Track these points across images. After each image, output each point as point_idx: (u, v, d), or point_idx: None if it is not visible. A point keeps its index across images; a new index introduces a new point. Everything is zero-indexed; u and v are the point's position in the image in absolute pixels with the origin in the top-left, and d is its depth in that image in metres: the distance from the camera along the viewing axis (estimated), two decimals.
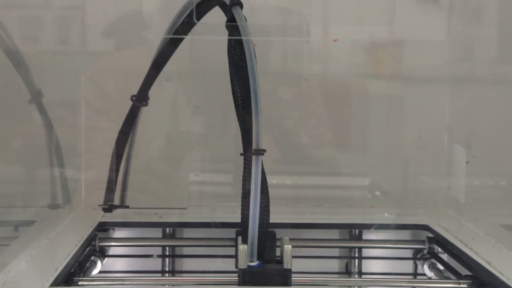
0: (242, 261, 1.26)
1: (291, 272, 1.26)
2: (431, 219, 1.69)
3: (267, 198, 1.32)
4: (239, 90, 1.32)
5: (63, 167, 1.81)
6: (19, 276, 1.22)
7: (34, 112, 1.77)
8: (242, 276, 1.26)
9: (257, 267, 1.27)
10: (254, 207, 1.26)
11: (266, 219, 1.31)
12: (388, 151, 1.92)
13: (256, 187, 1.26)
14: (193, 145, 1.88)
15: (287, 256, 1.26)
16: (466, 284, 1.35)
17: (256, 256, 1.27)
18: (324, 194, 1.90)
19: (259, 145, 1.27)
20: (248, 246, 1.27)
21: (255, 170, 1.26)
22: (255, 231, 1.27)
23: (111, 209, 1.69)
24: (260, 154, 1.27)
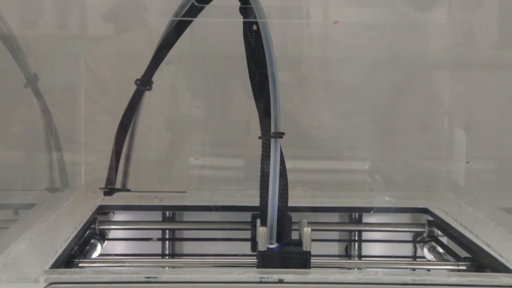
0: (262, 243, 1.26)
1: (310, 254, 1.26)
2: (431, 202, 1.69)
3: (286, 181, 1.32)
4: (256, 74, 1.31)
5: (62, 151, 1.81)
6: (19, 258, 1.22)
7: (31, 97, 1.77)
8: (262, 258, 1.26)
9: (276, 249, 1.27)
10: (273, 190, 1.26)
11: (285, 202, 1.31)
12: (388, 135, 1.91)
13: (275, 169, 1.26)
14: (193, 129, 1.88)
15: (306, 238, 1.26)
16: (465, 266, 1.35)
17: (275, 239, 1.27)
18: (324, 178, 1.90)
19: (278, 128, 1.27)
20: (268, 229, 1.27)
21: (274, 152, 1.26)
22: (274, 214, 1.27)
23: (112, 193, 1.68)
24: (278, 137, 1.27)
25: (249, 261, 1.37)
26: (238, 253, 1.65)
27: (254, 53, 1.31)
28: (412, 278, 1.13)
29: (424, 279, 1.13)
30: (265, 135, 1.29)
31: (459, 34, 1.87)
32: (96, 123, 1.83)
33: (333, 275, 1.14)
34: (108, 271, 1.14)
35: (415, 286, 1.11)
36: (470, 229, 1.45)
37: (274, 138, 1.27)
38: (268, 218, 1.27)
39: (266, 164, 1.28)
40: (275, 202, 1.27)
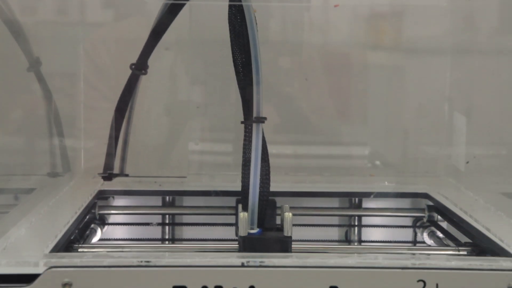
0: (243, 228, 1.26)
1: (291, 239, 1.26)
2: (431, 187, 1.69)
3: (268, 166, 1.32)
4: (239, 58, 1.31)
5: (62, 136, 1.81)
6: (18, 242, 1.22)
7: (33, 82, 1.76)
8: (242, 243, 1.26)
9: (257, 234, 1.27)
10: (254, 175, 1.26)
11: (267, 187, 1.31)
12: (388, 120, 1.91)
13: (256, 155, 1.26)
14: (192, 114, 1.88)
15: (288, 223, 1.26)
16: (465, 251, 1.35)
17: (256, 224, 1.27)
18: (324, 163, 1.90)
19: (260, 113, 1.26)
20: (249, 214, 1.27)
21: (256, 138, 1.26)
22: (255, 199, 1.27)
23: (111, 178, 1.68)
24: (260, 122, 1.26)
25: (231, 246, 1.38)
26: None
27: (238, 37, 1.30)
28: (411, 262, 1.13)
29: (423, 263, 1.13)
30: (247, 120, 1.29)
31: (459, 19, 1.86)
32: (96, 109, 1.83)
33: (332, 259, 1.14)
34: (108, 255, 1.15)
35: (414, 270, 1.11)
36: (470, 214, 1.45)
37: (256, 123, 1.26)
38: (249, 203, 1.27)
39: (248, 149, 1.28)
40: (256, 187, 1.27)
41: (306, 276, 1.11)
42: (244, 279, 1.10)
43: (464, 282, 1.10)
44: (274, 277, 1.11)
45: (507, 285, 1.10)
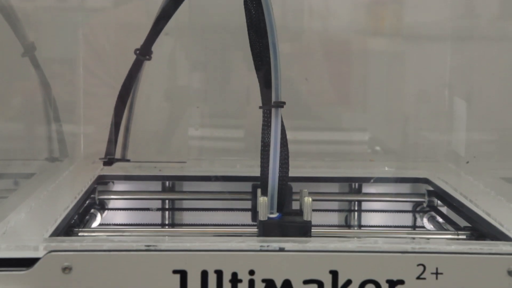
0: (262, 213, 1.26)
1: (311, 224, 1.26)
2: (431, 172, 1.69)
3: (287, 151, 1.31)
4: (256, 42, 1.30)
5: (61, 122, 1.80)
6: (18, 226, 1.22)
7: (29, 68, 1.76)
8: (262, 228, 1.25)
9: (277, 219, 1.27)
10: (274, 160, 1.26)
11: (286, 172, 1.30)
12: (388, 106, 1.91)
13: (276, 139, 1.25)
14: (192, 100, 1.88)
15: (307, 208, 1.26)
16: (464, 235, 1.35)
17: (276, 208, 1.27)
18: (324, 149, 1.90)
19: (279, 98, 1.26)
20: (268, 198, 1.26)
21: (275, 122, 1.26)
22: (275, 183, 1.26)
23: (111, 163, 1.68)
24: (279, 106, 1.26)
25: (249, 230, 1.37)
26: (238, 223, 1.65)
27: (255, 22, 1.29)
28: (411, 246, 1.13)
29: (423, 247, 1.13)
30: (265, 105, 1.28)
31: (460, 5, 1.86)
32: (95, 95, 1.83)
33: (332, 243, 1.14)
34: (108, 239, 1.15)
35: (414, 254, 1.11)
36: (470, 199, 1.45)
37: (275, 108, 1.26)
38: (268, 188, 1.27)
39: (267, 134, 1.28)
40: (276, 172, 1.26)
41: (306, 260, 1.11)
42: (244, 264, 1.10)
43: (464, 266, 1.10)
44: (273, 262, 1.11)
45: (507, 269, 1.10)
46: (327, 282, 1.10)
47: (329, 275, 1.11)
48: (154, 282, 1.09)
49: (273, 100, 1.26)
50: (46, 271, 1.07)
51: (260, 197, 1.27)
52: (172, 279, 1.09)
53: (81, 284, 1.08)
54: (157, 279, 1.09)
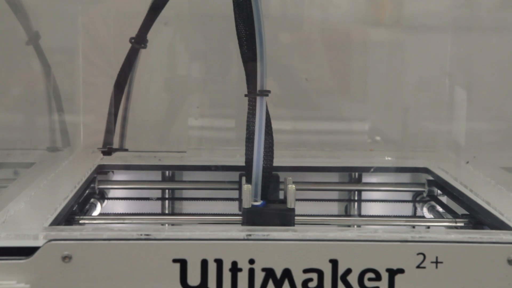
0: (246, 200, 1.26)
1: (295, 212, 1.26)
2: (431, 162, 1.69)
3: (271, 140, 1.31)
4: (243, 30, 1.30)
5: (61, 111, 1.80)
6: (18, 215, 1.22)
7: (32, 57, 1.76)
8: (246, 215, 1.26)
9: (261, 206, 1.27)
10: (258, 148, 1.26)
11: (270, 160, 1.31)
12: (388, 96, 1.90)
13: (260, 128, 1.25)
14: (192, 90, 1.87)
15: (291, 196, 1.26)
16: (462, 222, 1.35)
17: (260, 196, 1.27)
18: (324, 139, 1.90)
19: (264, 86, 1.26)
20: (252, 186, 1.26)
21: (260, 111, 1.25)
22: (259, 171, 1.26)
23: (110, 152, 1.68)
24: (264, 95, 1.26)
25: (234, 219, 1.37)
26: (238, 212, 1.65)
27: (242, 9, 1.29)
28: (411, 235, 1.13)
29: (423, 236, 1.12)
30: (251, 93, 1.28)
31: None
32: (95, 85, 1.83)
33: (332, 232, 1.14)
34: (107, 228, 1.15)
35: (414, 243, 1.11)
36: (470, 188, 1.44)
37: (259, 96, 1.26)
38: (252, 176, 1.27)
39: (252, 122, 1.28)
40: (260, 160, 1.26)
41: (306, 249, 1.11)
42: (244, 252, 1.10)
43: (464, 255, 1.10)
44: (274, 251, 1.11)
45: (507, 257, 1.10)
46: (327, 271, 1.10)
47: (329, 264, 1.10)
48: (154, 271, 1.09)
49: (258, 88, 1.26)
50: (46, 260, 1.07)
51: (244, 185, 1.27)
52: (172, 268, 1.09)
53: (81, 273, 1.08)
54: (157, 268, 1.09)
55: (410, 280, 1.10)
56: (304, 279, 1.10)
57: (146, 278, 1.09)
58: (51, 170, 1.52)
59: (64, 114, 1.81)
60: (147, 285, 1.09)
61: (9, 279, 1.05)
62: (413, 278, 1.10)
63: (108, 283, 1.08)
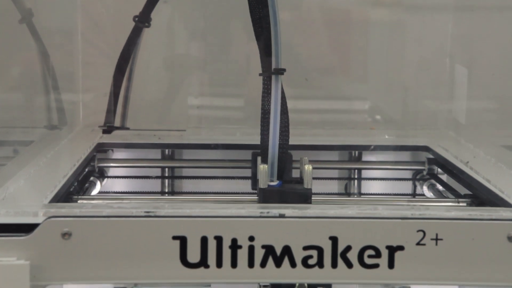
0: (263, 181, 1.25)
1: (312, 191, 1.25)
2: (431, 140, 1.68)
3: (287, 118, 1.30)
4: (256, 10, 1.29)
5: (61, 90, 1.80)
6: (17, 192, 1.22)
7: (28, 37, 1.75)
8: (262, 195, 1.25)
9: (277, 186, 1.26)
10: (274, 127, 1.25)
11: (286, 139, 1.30)
12: (389, 75, 1.90)
13: (276, 106, 1.25)
14: (192, 69, 1.87)
15: (308, 176, 1.25)
16: (465, 202, 1.35)
17: (276, 176, 1.26)
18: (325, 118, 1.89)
19: (279, 64, 1.25)
20: (268, 166, 1.26)
21: (275, 89, 1.25)
22: (275, 151, 1.26)
23: (111, 131, 1.67)
24: (279, 73, 1.25)
25: (249, 198, 1.37)
26: (238, 191, 1.65)
27: None
28: (411, 213, 1.13)
29: (423, 213, 1.12)
30: (265, 72, 1.27)
31: None
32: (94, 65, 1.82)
33: (332, 209, 1.14)
34: (107, 205, 1.14)
35: (414, 220, 1.11)
36: (471, 166, 1.44)
37: (275, 75, 1.25)
38: (269, 156, 1.26)
39: (267, 102, 1.27)
40: (276, 140, 1.26)
41: (306, 227, 1.11)
42: (243, 230, 1.10)
43: (463, 232, 1.10)
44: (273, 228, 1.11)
45: (507, 234, 1.10)
46: (327, 248, 1.10)
47: (329, 241, 1.10)
48: (154, 248, 1.09)
49: (273, 67, 1.25)
50: (45, 237, 1.07)
51: (260, 165, 1.26)
52: (172, 245, 1.09)
53: (81, 250, 1.08)
54: (157, 245, 1.09)
55: (410, 257, 1.10)
56: (304, 256, 1.10)
57: (146, 255, 1.09)
58: (50, 148, 1.52)
59: (64, 93, 1.81)
60: (147, 262, 1.09)
61: (9, 256, 1.05)
62: (413, 255, 1.10)
63: (108, 260, 1.08)
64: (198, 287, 1.31)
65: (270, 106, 1.25)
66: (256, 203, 1.27)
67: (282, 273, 1.10)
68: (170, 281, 1.10)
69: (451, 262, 1.10)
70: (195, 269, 1.10)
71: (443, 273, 1.11)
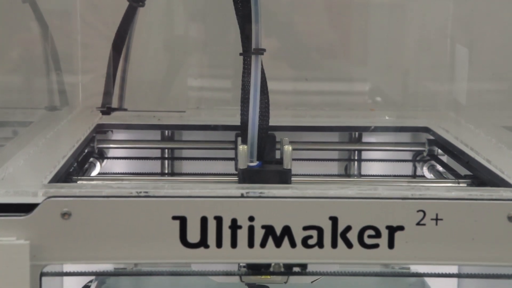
0: (242, 161, 1.25)
1: (291, 172, 1.25)
2: (431, 121, 1.68)
3: (267, 99, 1.30)
4: None
5: (60, 72, 1.79)
6: (17, 172, 1.22)
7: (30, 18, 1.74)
8: (242, 175, 1.25)
9: (257, 167, 1.26)
10: (253, 108, 1.24)
11: (266, 120, 1.30)
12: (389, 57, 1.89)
13: (255, 87, 1.24)
14: (191, 50, 1.86)
15: (287, 156, 1.25)
16: (465, 183, 1.35)
17: (256, 157, 1.26)
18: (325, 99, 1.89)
19: (259, 45, 1.24)
20: (248, 147, 1.25)
21: (255, 69, 1.24)
22: (254, 131, 1.25)
23: (109, 112, 1.67)
24: (259, 53, 1.24)
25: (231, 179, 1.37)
26: None
27: None
28: (411, 193, 1.12)
29: (423, 194, 1.12)
30: (246, 52, 1.26)
31: None
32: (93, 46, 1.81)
33: (332, 190, 1.14)
34: (107, 185, 1.14)
35: (414, 200, 1.11)
36: (471, 146, 1.44)
37: (255, 55, 1.24)
38: (248, 136, 1.25)
39: (247, 82, 1.26)
40: (256, 120, 1.25)
41: (306, 207, 1.10)
42: (243, 210, 1.10)
43: (464, 212, 1.10)
44: (273, 208, 1.10)
45: (507, 214, 1.10)
46: (327, 228, 1.10)
47: (329, 221, 1.10)
48: (154, 228, 1.09)
49: (253, 47, 1.24)
50: (45, 217, 1.07)
51: (240, 146, 1.26)
52: (171, 225, 1.09)
53: (80, 230, 1.08)
54: (156, 225, 1.09)
55: (410, 237, 1.10)
56: (304, 236, 1.10)
57: (145, 235, 1.09)
58: (49, 129, 1.51)
59: (63, 75, 1.80)
60: (147, 242, 1.09)
61: (8, 236, 1.05)
62: (413, 235, 1.10)
63: (107, 240, 1.08)
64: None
65: (250, 87, 1.25)
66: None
67: (282, 253, 1.10)
68: (170, 261, 1.10)
69: (451, 242, 1.10)
70: (195, 249, 1.09)
71: (443, 253, 1.11)
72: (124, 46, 1.66)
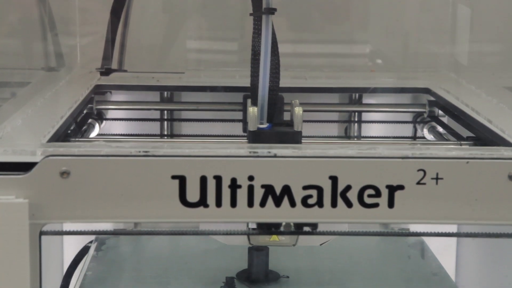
0: (252, 123, 1.24)
1: (301, 134, 1.24)
2: (432, 82, 1.67)
3: (278, 60, 1.28)
4: None
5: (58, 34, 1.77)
6: (15, 132, 1.21)
7: None
8: (252, 138, 1.23)
9: (267, 129, 1.25)
10: (264, 68, 1.22)
11: (276, 81, 1.28)
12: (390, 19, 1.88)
13: (266, 47, 1.22)
14: (190, 12, 1.84)
15: (298, 119, 1.24)
16: (467, 144, 1.34)
17: (266, 119, 1.25)
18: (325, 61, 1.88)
19: (270, 4, 1.22)
20: (258, 109, 1.23)
21: (265, 29, 1.22)
22: (265, 93, 1.23)
23: (108, 73, 1.66)
24: (270, 13, 1.22)
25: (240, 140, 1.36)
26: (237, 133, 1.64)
27: None
28: (411, 152, 1.11)
29: (424, 153, 1.11)
30: (256, 11, 1.24)
31: None
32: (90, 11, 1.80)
33: (332, 149, 1.13)
34: (106, 145, 1.13)
35: (414, 159, 1.10)
36: (472, 107, 1.43)
37: (265, 14, 1.22)
38: (258, 98, 1.24)
39: (257, 42, 1.24)
40: (266, 81, 1.23)
41: (306, 166, 1.10)
42: (243, 169, 1.09)
43: (464, 171, 1.09)
44: (273, 167, 1.10)
45: (508, 173, 1.09)
46: (327, 188, 1.09)
47: (329, 181, 1.10)
48: (153, 187, 1.08)
49: (263, 6, 1.22)
50: (43, 176, 1.06)
51: (250, 107, 1.24)
52: (171, 184, 1.08)
53: (79, 189, 1.07)
54: (155, 184, 1.08)
55: (410, 196, 1.09)
56: (304, 196, 1.09)
57: (145, 195, 1.08)
58: (48, 89, 1.50)
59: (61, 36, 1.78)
60: (146, 201, 1.08)
61: (7, 194, 1.05)
62: (413, 194, 1.09)
63: (106, 200, 1.08)
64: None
65: (260, 47, 1.23)
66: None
67: (281, 212, 1.10)
68: (170, 220, 1.10)
69: (451, 202, 1.10)
70: (194, 209, 1.09)
71: (443, 212, 1.10)
72: (123, 10, 1.64)
